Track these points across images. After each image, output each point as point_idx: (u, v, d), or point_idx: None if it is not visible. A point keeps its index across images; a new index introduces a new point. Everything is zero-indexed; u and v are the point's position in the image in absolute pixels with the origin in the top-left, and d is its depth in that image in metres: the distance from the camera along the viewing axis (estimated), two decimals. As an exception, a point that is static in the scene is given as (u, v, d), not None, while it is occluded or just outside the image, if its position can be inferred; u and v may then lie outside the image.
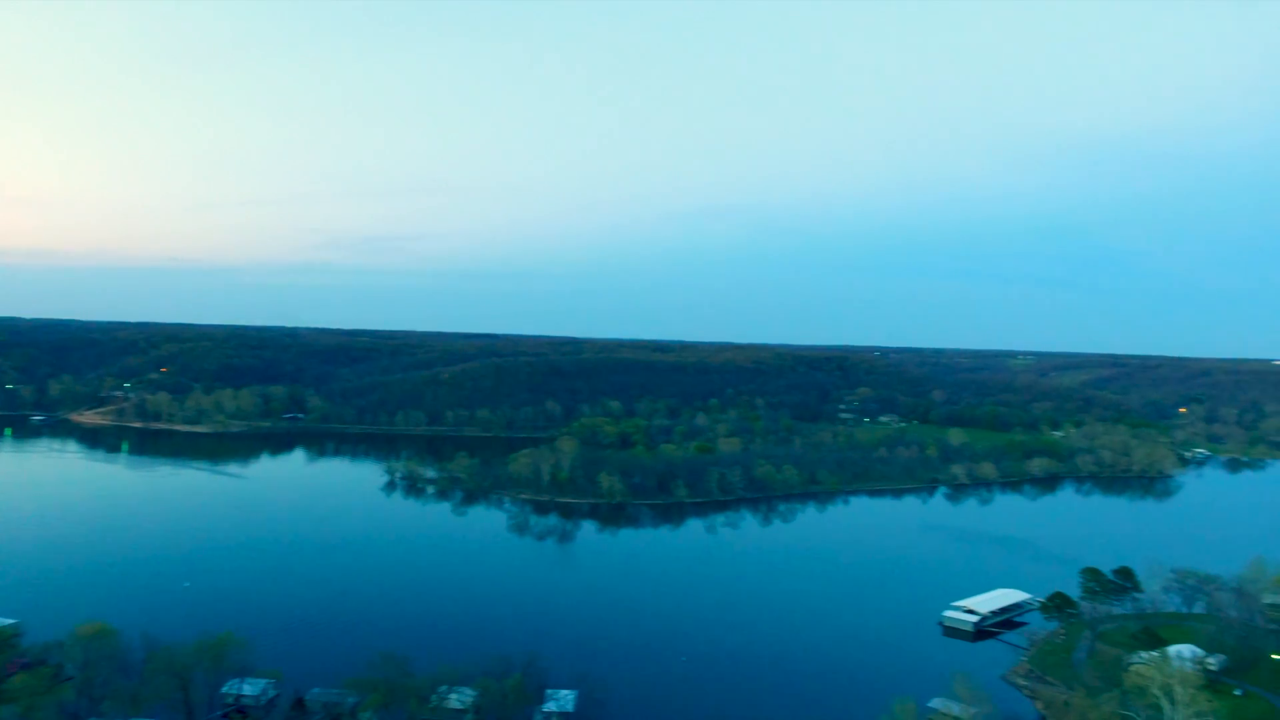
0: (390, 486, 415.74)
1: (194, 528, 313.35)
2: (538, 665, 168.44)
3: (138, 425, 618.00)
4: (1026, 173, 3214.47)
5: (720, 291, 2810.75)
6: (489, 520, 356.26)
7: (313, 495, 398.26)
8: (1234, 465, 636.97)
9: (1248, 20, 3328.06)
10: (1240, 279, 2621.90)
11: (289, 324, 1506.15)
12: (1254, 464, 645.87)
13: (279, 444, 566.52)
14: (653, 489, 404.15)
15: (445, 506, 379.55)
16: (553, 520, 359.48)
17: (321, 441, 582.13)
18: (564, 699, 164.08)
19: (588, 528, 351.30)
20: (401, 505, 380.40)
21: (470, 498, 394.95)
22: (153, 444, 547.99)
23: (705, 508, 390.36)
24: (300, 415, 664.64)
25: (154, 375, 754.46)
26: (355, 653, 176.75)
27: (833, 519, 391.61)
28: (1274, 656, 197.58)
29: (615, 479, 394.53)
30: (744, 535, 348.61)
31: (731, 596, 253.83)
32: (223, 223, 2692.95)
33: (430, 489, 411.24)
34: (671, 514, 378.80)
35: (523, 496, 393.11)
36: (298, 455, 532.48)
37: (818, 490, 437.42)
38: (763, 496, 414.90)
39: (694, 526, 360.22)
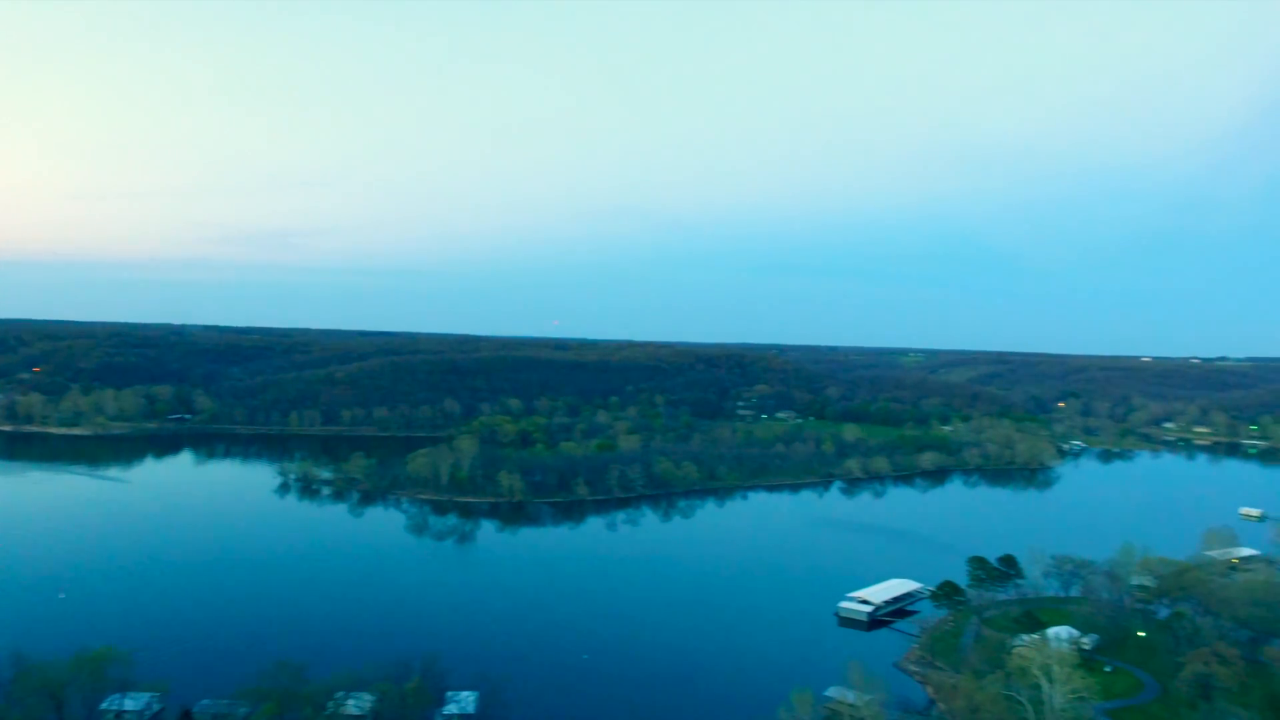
0: (284, 488, 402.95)
1: (70, 536, 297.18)
2: (438, 667, 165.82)
3: (7, 428, 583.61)
4: (918, 178, 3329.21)
5: (620, 290, 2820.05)
6: (387, 521, 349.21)
7: (201, 499, 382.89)
8: (1106, 456, 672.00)
9: (1122, 40, 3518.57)
10: (1112, 281, 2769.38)
11: (175, 321, 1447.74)
12: (1124, 455, 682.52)
13: (165, 446, 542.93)
14: (553, 487, 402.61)
15: (341, 508, 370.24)
16: (452, 520, 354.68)
17: (211, 443, 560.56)
18: (465, 700, 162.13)
19: (488, 527, 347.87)
20: (296, 507, 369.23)
21: (367, 498, 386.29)
22: (24, 448, 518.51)
23: (606, 505, 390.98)
24: (188, 416, 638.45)
25: (25, 375, 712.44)
26: (247, 662, 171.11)
27: (732, 514, 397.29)
28: (1140, 634, 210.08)
29: (515, 477, 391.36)
30: (644, 532, 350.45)
31: (633, 593, 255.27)
32: (104, 215, 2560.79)
33: (326, 490, 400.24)
34: (572, 512, 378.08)
35: (421, 496, 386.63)
36: (185, 458, 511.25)
37: (717, 486, 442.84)
38: (663, 493, 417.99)
39: (594, 524, 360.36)
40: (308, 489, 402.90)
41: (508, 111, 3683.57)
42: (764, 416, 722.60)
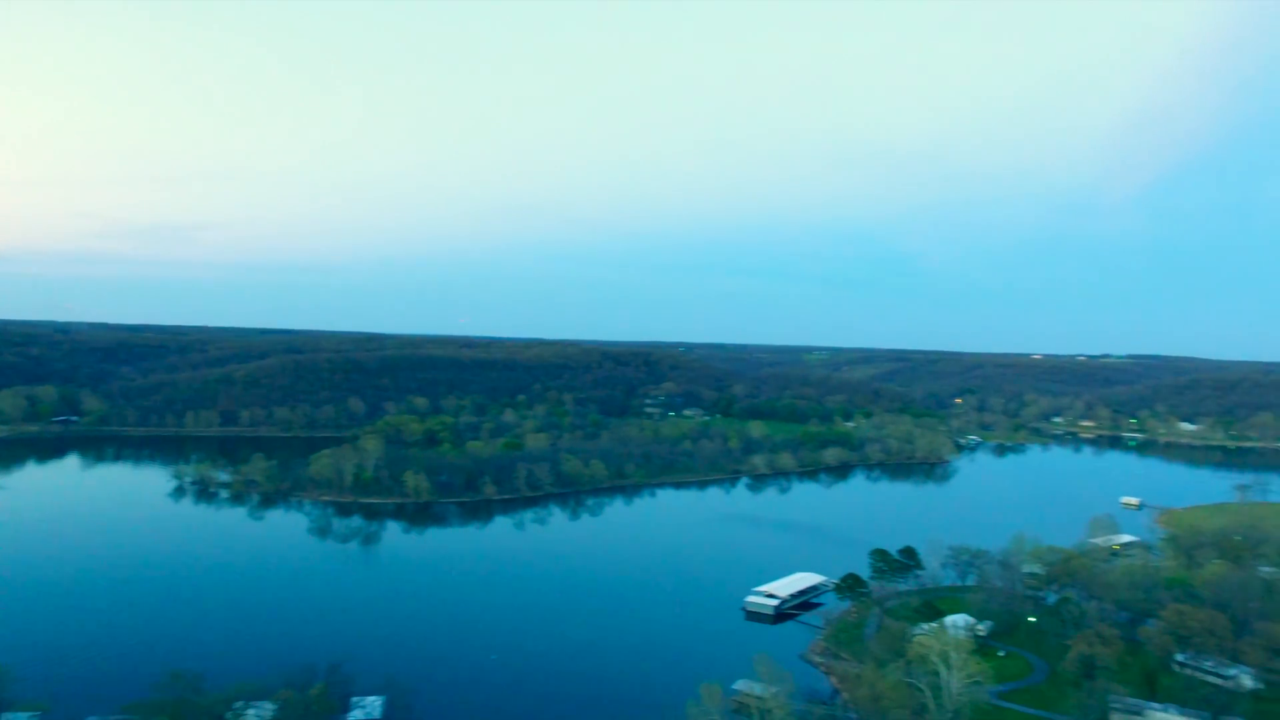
0: (179, 492, 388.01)
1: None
2: (342, 673, 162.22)
3: None
4: (821, 180, 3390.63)
5: (527, 287, 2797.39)
6: (289, 524, 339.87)
7: (89, 505, 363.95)
8: (1000, 450, 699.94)
9: (1014, 50, 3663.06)
10: (1004, 281, 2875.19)
11: (60, 318, 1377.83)
12: (1016, 448, 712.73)
13: (48, 450, 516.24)
14: (460, 487, 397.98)
15: (241, 511, 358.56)
16: (356, 522, 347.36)
17: (100, 446, 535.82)
18: (371, 706, 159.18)
19: (393, 528, 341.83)
20: (192, 512, 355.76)
21: (268, 501, 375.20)
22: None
23: (513, 504, 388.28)
24: (75, 418, 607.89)
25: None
26: (140, 675, 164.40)
27: (640, 512, 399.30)
28: (1030, 619, 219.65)
29: (421, 478, 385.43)
30: (552, 531, 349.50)
31: (541, 593, 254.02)
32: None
33: (224, 493, 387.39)
34: (479, 512, 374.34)
35: (324, 498, 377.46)
36: (71, 462, 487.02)
37: (625, 484, 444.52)
38: (571, 492, 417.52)
39: (502, 524, 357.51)
40: (205, 492, 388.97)
41: (411, 108, 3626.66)
42: (671, 414, 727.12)
